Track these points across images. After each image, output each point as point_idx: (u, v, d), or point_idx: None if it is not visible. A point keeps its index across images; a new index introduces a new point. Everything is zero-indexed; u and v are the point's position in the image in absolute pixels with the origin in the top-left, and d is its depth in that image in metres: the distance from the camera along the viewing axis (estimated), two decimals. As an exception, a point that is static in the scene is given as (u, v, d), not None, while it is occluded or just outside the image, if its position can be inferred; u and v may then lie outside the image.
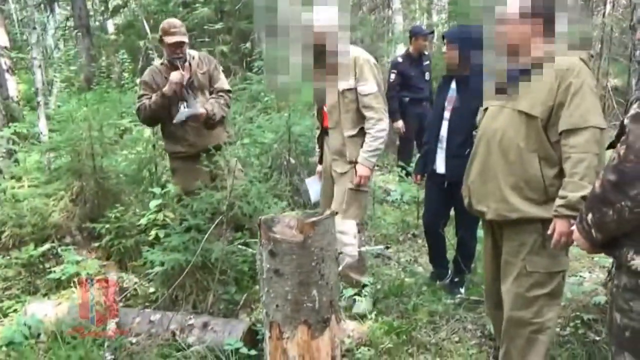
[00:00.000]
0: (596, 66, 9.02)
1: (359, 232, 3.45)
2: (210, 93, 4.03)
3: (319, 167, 3.67)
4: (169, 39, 3.81)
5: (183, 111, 3.80)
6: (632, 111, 1.64)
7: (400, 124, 6.32)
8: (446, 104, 3.54)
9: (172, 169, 4.20)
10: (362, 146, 3.31)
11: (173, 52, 3.85)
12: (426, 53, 6.56)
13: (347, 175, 3.36)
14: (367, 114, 3.23)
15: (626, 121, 1.66)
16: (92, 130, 4.47)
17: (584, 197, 2.01)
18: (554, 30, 2.21)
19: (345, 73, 3.15)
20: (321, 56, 2.98)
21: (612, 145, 1.80)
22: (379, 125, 3.24)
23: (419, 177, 3.89)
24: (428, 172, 3.71)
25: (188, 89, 3.85)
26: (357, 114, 3.27)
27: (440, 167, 3.58)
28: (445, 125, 3.52)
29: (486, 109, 2.50)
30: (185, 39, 3.87)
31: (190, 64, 3.93)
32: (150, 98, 3.85)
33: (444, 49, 3.50)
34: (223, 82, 4.09)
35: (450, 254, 3.91)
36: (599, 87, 8.23)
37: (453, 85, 3.53)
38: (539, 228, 2.32)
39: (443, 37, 3.63)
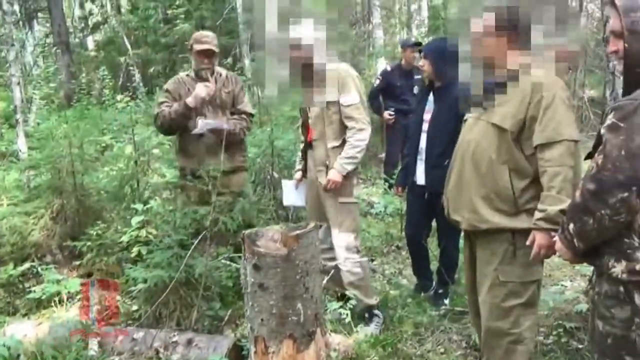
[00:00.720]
0: (573, 78, 9.20)
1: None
2: (232, 114, 3.94)
3: (298, 175, 3.66)
4: (199, 46, 3.75)
5: (207, 122, 3.70)
6: (608, 121, 1.68)
7: (386, 114, 6.40)
8: (424, 115, 3.58)
9: (180, 186, 4.07)
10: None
11: (201, 61, 3.78)
12: (419, 68, 6.65)
13: (340, 190, 3.32)
14: (349, 124, 3.26)
15: (602, 131, 1.70)
16: (72, 147, 4.43)
17: (562, 211, 2.04)
18: (529, 42, 2.25)
19: (331, 86, 3.21)
20: (307, 70, 3.06)
21: (590, 156, 1.83)
22: (359, 135, 3.26)
23: (400, 189, 3.93)
24: (409, 183, 3.74)
25: (208, 106, 3.78)
26: (340, 126, 3.30)
27: (420, 178, 3.61)
28: (424, 137, 3.56)
29: (465, 119, 2.55)
30: (216, 50, 3.81)
31: (216, 80, 3.85)
32: (171, 106, 3.76)
33: (421, 62, 3.56)
34: (246, 105, 4.02)
35: (434, 265, 3.93)
36: (576, 98, 8.40)
37: (431, 97, 3.59)
38: (509, 237, 2.35)
39: (420, 51, 3.72)
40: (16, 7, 13.89)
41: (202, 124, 3.68)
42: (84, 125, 5.54)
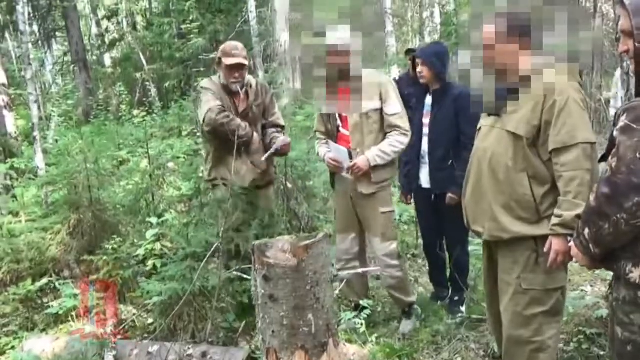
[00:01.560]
0: (589, 79, 9.09)
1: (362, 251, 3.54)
2: (263, 127, 3.76)
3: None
4: (229, 60, 3.52)
5: (280, 141, 3.59)
6: (621, 123, 1.64)
7: None
8: (423, 120, 3.58)
9: (216, 200, 3.78)
10: (385, 166, 3.29)
11: (231, 76, 3.54)
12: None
13: (375, 197, 3.31)
14: (394, 129, 3.26)
15: (616, 133, 1.67)
16: (88, 163, 4.49)
17: (578, 216, 1.99)
18: (541, 45, 2.22)
19: (372, 94, 3.20)
20: (344, 76, 3.06)
21: (604, 158, 1.80)
22: (401, 137, 3.25)
23: (408, 196, 3.91)
24: (414, 188, 3.72)
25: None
26: (380, 135, 3.28)
27: (425, 181, 3.61)
28: (425, 141, 3.56)
29: (479, 128, 2.51)
30: (246, 62, 3.58)
31: (247, 94, 3.66)
32: (223, 107, 3.51)
33: (419, 68, 3.52)
34: (279, 117, 3.84)
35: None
36: (593, 100, 8.29)
37: (428, 101, 3.57)
38: (532, 245, 2.30)
39: (413, 58, 3.66)
40: (35, 27, 14.24)
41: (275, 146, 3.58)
42: (100, 141, 5.61)
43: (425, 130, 3.56)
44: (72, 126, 9.58)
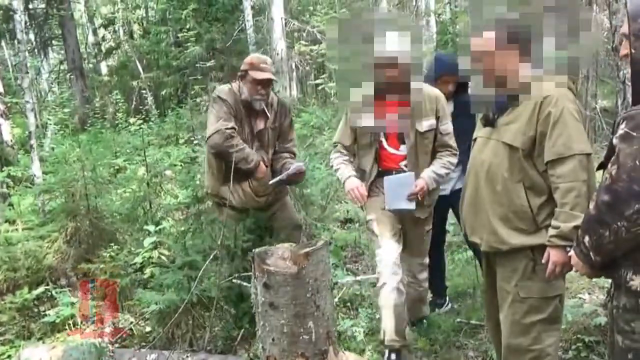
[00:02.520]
0: (584, 88, 9.14)
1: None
2: (275, 151, 3.49)
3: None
4: (258, 75, 3.23)
5: (293, 167, 3.32)
6: (620, 131, 1.65)
7: None
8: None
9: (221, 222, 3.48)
10: (435, 188, 3.10)
11: (256, 91, 3.26)
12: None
13: (427, 220, 3.17)
14: (446, 149, 3.08)
15: (615, 141, 1.67)
16: (85, 171, 4.49)
17: (576, 227, 1.99)
18: (537, 55, 2.23)
19: (428, 110, 2.97)
20: (402, 91, 2.80)
21: (602, 166, 1.80)
22: (452, 159, 3.07)
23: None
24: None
25: (255, 142, 3.37)
26: (432, 155, 3.07)
27: (446, 189, 3.50)
28: None
29: (475, 139, 2.52)
30: (274, 78, 3.36)
31: (268, 113, 3.37)
32: (234, 130, 3.22)
33: (450, 86, 3.38)
34: (294, 144, 3.60)
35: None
36: (589, 109, 8.33)
37: (450, 108, 3.52)
38: (530, 254, 2.30)
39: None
40: (31, 36, 14.25)
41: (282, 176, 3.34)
42: (96, 149, 5.61)
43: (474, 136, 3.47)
44: (69, 134, 9.58)
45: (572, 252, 1.89)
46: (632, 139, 1.60)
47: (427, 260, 3.28)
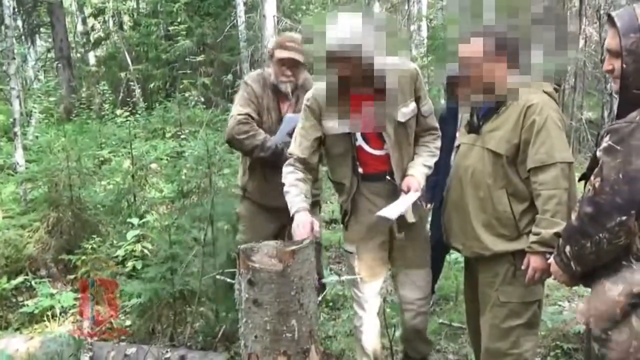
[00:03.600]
0: (571, 99, 9.25)
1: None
2: None
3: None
4: (281, 53, 2.95)
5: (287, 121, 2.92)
6: (604, 144, 1.67)
7: None
8: (458, 134, 3.40)
9: (237, 213, 3.29)
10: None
11: (281, 72, 2.98)
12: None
13: (419, 225, 2.69)
14: (430, 133, 2.67)
15: (599, 153, 1.69)
16: (70, 161, 4.43)
17: (557, 234, 2.02)
18: (524, 64, 2.25)
19: (405, 93, 2.50)
20: (367, 80, 2.34)
21: (584, 177, 1.83)
22: (438, 142, 2.68)
23: (428, 205, 3.41)
24: (437, 200, 3.55)
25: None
26: (413, 146, 2.63)
27: None
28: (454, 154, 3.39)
29: (458, 145, 2.53)
30: (301, 59, 2.95)
31: (298, 98, 3.00)
32: (250, 117, 2.98)
33: None
34: None
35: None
36: (574, 120, 8.43)
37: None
38: (511, 259, 2.33)
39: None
40: (19, 22, 14.04)
41: (279, 136, 2.97)
42: (82, 139, 5.55)
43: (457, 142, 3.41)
44: (54, 123, 9.46)
45: (552, 260, 1.91)
46: (616, 152, 1.63)
47: (430, 276, 2.76)
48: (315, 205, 3.17)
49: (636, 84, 1.67)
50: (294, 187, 2.47)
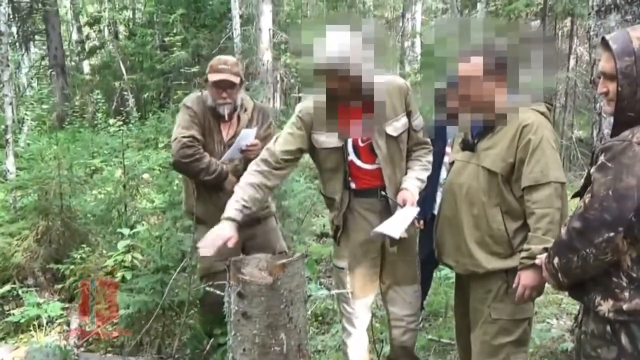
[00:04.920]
0: (561, 118, 9.36)
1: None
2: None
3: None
4: (213, 77, 2.97)
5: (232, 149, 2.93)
6: (598, 161, 1.69)
7: None
8: (447, 149, 3.38)
9: (194, 241, 3.04)
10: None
11: (218, 95, 2.98)
12: None
13: (410, 241, 2.66)
14: (422, 147, 2.69)
15: (592, 171, 1.72)
16: (61, 169, 4.41)
17: (546, 249, 2.04)
18: (517, 83, 2.28)
19: (397, 107, 2.52)
20: (355, 94, 2.33)
21: (577, 195, 1.85)
22: (430, 157, 2.70)
23: (420, 222, 3.55)
24: (428, 216, 3.51)
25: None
26: (405, 160, 2.63)
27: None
28: (444, 170, 3.41)
29: (452, 162, 2.55)
30: (236, 81, 2.98)
31: (239, 119, 3.08)
32: (194, 139, 2.94)
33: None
34: None
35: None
36: (565, 138, 8.52)
37: (451, 130, 3.48)
38: (504, 276, 2.34)
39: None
40: (14, 29, 14.03)
41: (231, 152, 2.96)
42: (74, 148, 5.52)
43: (447, 158, 3.32)
44: (46, 131, 9.42)
45: (542, 264, 1.92)
46: (607, 169, 1.65)
47: (419, 291, 2.74)
48: (267, 217, 3.17)
49: (631, 106, 1.69)
50: (240, 189, 2.42)
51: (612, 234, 1.61)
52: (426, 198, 3.44)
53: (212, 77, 2.98)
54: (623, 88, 1.69)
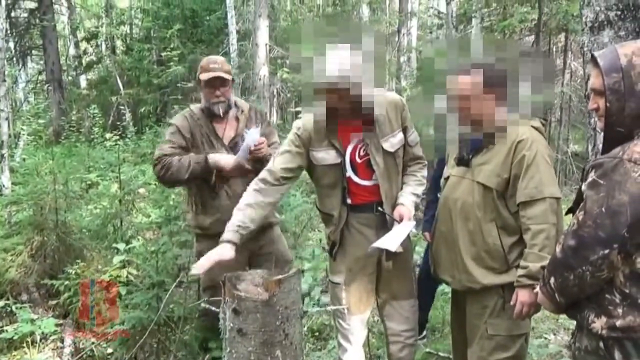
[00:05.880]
0: (557, 132, 9.41)
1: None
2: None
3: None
4: (205, 75, 2.96)
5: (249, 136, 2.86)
6: (589, 178, 1.70)
7: None
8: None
9: (197, 252, 3.05)
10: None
11: (211, 95, 2.97)
12: None
13: (406, 255, 2.65)
14: (416, 162, 2.70)
15: (584, 187, 1.72)
16: (57, 184, 4.40)
17: (543, 267, 2.04)
18: (517, 97, 2.29)
19: (394, 123, 2.54)
20: (355, 110, 2.38)
21: (571, 211, 1.85)
22: (425, 172, 2.71)
23: (428, 234, 3.47)
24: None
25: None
26: (401, 175, 2.65)
27: None
28: None
29: (447, 177, 2.56)
30: (227, 77, 2.97)
31: (237, 119, 3.08)
32: (178, 152, 2.95)
33: None
34: (276, 147, 3.03)
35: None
36: (560, 152, 8.56)
37: None
38: (500, 291, 2.34)
39: None
40: (11, 44, 14.08)
41: (240, 155, 2.87)
42: (70, 162, 5.51)
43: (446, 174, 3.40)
44: (42, 146, 9.41)
45: (537, 290, 1.92)
46: (599, 186, 1.66)
47: (416, 305, 2.73)
48: (271, 226, 3.14)
49: (620, 121, 1.71)
50: (238, 211, 2.43)
51: (607, 251, 1.62)
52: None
53: (204, 76, 2.96)
54: (611, 104, 1.70)
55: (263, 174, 2.51)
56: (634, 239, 1.61)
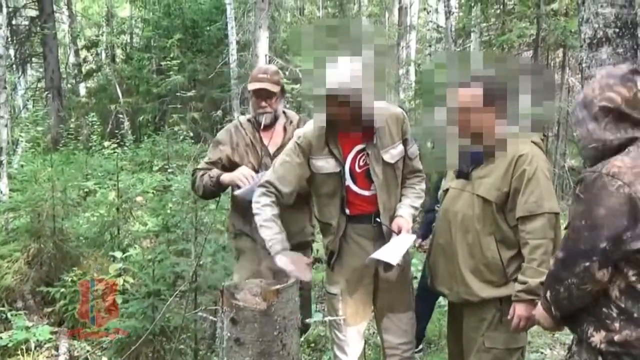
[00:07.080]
0: (554, 147, 9.45)
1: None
2: None
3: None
4: (252, 86, 2.98)
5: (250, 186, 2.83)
6: (575, 192, 1.75)
7: None
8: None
9: (236, 249, 3.19)
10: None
11: (258, 105, 2.99)
12: None
13: (405, 267, 2.65)
14: (415, 175, 2.71)
15: (569, 202, 1.77)
16: (55, 191, 4.39)
17: (542, 283, 2.05)
18: (516, 112, 2.31)
19: (395, 135, 2.54)
20: (351, 120, 2.40)
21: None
22: (423, 185, 2.71)
23: (423, 243, 3.58)
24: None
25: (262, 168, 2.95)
26: (400, 187, 2.65)
27: None
28: None
29: (447, 189, 2.56)
30: (274, 90, 2.97)
31: (285, 130, 3.06)
32: (211, 169, 3.00)
33: None
34: None
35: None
36: (557, 167, 8.60)
37: None
38: (498, 304, 2.35)
39: None
40: (11, 52, 14.11)
41: (246, 190, 2.85)
42: (68, 170, 5.51)
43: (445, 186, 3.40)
44: (40, 153, 9.40)
45: (539, 306, 1.92)
46: (580, 200, 1.70)
47: (414, 318, 2.71)
48: (307, 246, 3.17)
49: (588, 142, 1.78)
50: (272, 222, 2.43)
51: (587, 264, 1.64)
52: (430, 220, 3.43)
53: (252, 86, 3.00)
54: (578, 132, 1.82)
55: (265, 184, 2.51)
56: (617, 252, 1.63)
